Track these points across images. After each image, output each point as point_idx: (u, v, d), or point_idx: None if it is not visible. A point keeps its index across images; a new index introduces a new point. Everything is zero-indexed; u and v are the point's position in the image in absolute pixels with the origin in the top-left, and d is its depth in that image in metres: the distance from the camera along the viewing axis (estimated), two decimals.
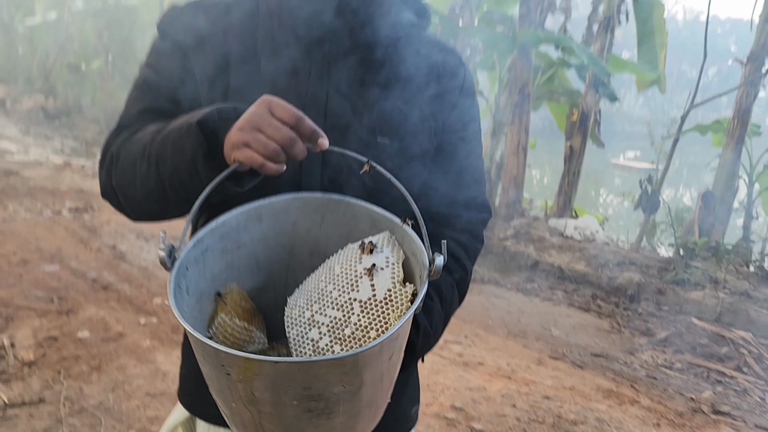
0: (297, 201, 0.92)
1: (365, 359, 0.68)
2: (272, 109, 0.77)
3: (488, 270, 5.74)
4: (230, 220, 0.88)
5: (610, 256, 5.82)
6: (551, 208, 7.52)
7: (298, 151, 0.78)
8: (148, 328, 3.65)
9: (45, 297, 3.91)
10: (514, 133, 6.90)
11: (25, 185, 6.61)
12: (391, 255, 0.83)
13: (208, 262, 0.86)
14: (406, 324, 0.74)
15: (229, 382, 0.69)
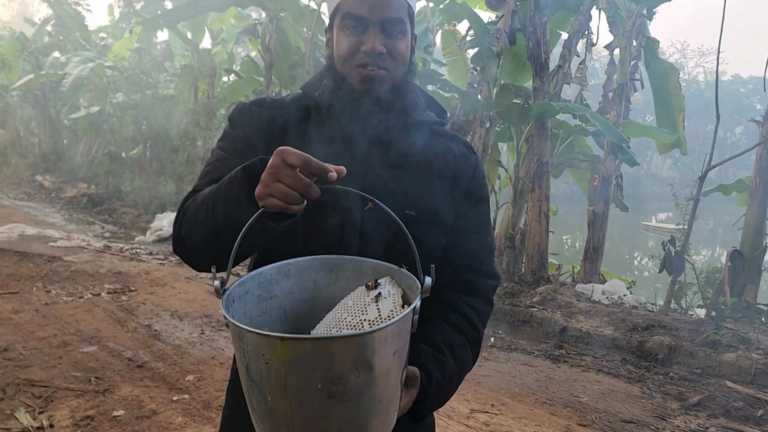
0: (317, 261, 1.14)
1: (373, 342, 0.84)
2: (285, 157, 0.93)
3: (515, 337, 5.75)
4: (266, 271, 1.09)
5: (639, 320, 5.79)
6: (579, 273, 7.53)
7: (312, 194, 0.95)
8: (180, 405, 3.76)
9: (83, 377, 4.07)
10: (534, 201, 7.03)
11: (67, 270, 6.92)
12: (392, 289, 1.03)
13: (248, 303, 1.06)
14: (406, 322, 0.91)
15: (268, 372, 0.84)
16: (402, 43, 1.23)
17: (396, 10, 1.21)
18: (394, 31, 1.21)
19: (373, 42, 1.19)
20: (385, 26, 1.20)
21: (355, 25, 1.20)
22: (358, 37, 1.21)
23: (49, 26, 19.74)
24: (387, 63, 1.22)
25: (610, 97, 7.97)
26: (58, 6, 16.84)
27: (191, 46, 12.18)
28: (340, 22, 1.23)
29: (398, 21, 1.21)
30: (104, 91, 14.14)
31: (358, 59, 1.21)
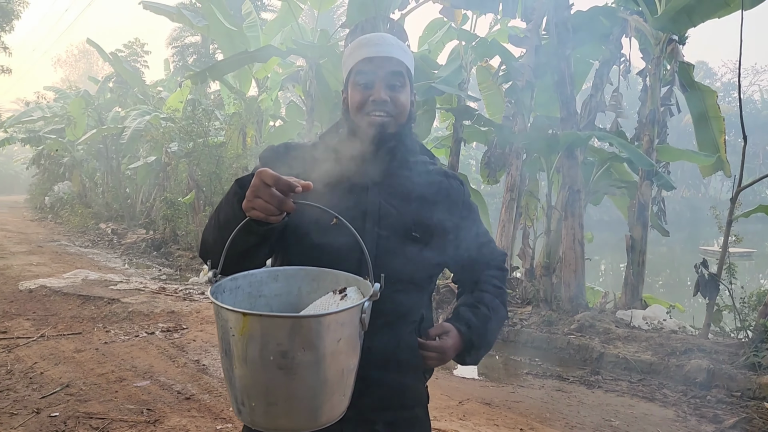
0: (302, 271, 1.38)
1: (316, 325, 1.05)
2: (263, 177, 1.17)
3: (551, 364, 5.80)
4: (257, 273, 1.33)
5: (678, 344, 5.75)
6: (619, 299, 7.51)
7: (287, 207, 1.19)
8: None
9: (136, 409, 4.39)
10: (568, 229, 7.10)
11: (125, 311, 7.38)
12: (354, 295, 1.25)
13: (238, 296, 1.28)
14: (350, 313, 1.11)
15: (233, 342, 1.05)
16: (402, 95, 1.54)
17: (396, 66, 1.53)
18: (395, 84, 1.52)
19: (379, 92, 1.50)
20: (388, 80, 1.51)
21: (364, 82, 1.51)
22: (368, 91, 1.51)
23: (110, 83, 21.08)
24: (390, 109, 1.51)
25: (644, 123, 8.00)
26: (118, 64, 18.01)
27: (239, 95, 12.82)
28: (353, 80, 1.55)
29: (398, 74, 1.52)
30: (160, 141, 14.96)
31: (368, 107, 1.51)
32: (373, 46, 1.53)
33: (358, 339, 1.17)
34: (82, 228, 18.14)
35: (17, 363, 5.38)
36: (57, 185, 22.88)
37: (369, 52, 1.53)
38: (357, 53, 1.54)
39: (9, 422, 4.13)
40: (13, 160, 46.50)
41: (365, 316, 1.15)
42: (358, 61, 1.53)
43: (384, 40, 1.55)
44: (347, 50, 1.59)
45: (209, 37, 13.90)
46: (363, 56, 1.53)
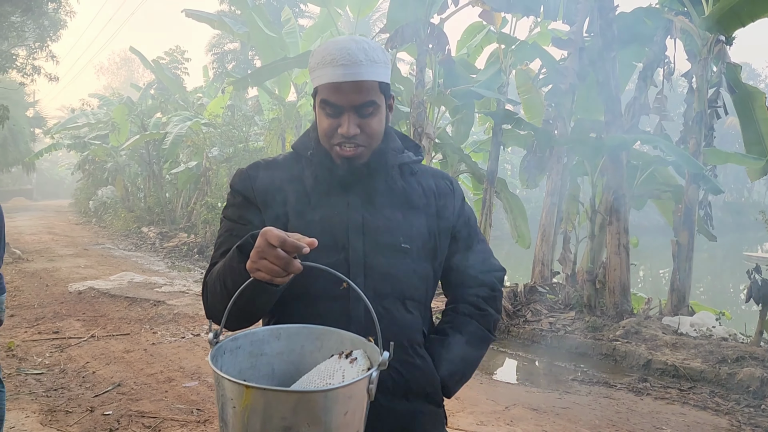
0: (305, 330, 1.29)
1: (322, 400, 0.99)
2: (268, 238, 1.08)
3: (597, 371, 5.72)
4: (258, 332, 1.26)
5: (729, 351, 5.61)
6: (665, 306, 7.36)
7: (293, 269, 1.10)
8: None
9: (186, 409, 4.47)
10: (613, 234, 7.00)
11: (171, 312, 7.53)
12: (361, 360, 1.16)
13: (238, 357, 1.21)
14: (357, 386, 1.03)
15: (234, 414, 1.00)
16: (374, 120, 1.37)
17: (366, 94, 1.34)
18: (365, 113, 1.35)
19: (347, 126, 1.34)
20: (358, 110, 1.34)
21: (331, 111, 1.35)
22: (336, 119, 1.35)
23: (152, 90, 21.58)
24: (362, 141, 1.36)
25: (690, 125, 7.85)
26: (159, 71, 18.41)
27: (278, 100, 12.99)
28: (319, 104, 1.38)
29: (369, 103, 1.35)
30: (201, 147, 15.23)
31: (336, 139, 1.36)
32: (339, 67, 1.32)
33: (364, 410, 1.10)
34: (125, 232, 18.56)
35: (70, 362, 5.53)
36: (101, 190, 23.47)
37: (335, 75, 1.32)
38: (322, 72, 1.35)
39: (65, 420, 4.26)
40: (58, 165, 47.88)
41: (373, 387, 1.07)
42: (323, 84, 1.35)
43: (351, 58, 1.32)
44: (312, 60, 1.39)
45: (249, 43, 14.10)
46: (329, 80, 1.34)
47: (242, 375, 1.23)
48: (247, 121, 13.80)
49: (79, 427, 4.14)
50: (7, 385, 4.89)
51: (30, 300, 8.17)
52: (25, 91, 29.84)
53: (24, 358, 5.61)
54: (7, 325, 6.79)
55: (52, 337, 6.34)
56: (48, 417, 4.30)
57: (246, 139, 13.31)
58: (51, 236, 17.02)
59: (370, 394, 1.08)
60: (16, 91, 25.15)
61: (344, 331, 1.25)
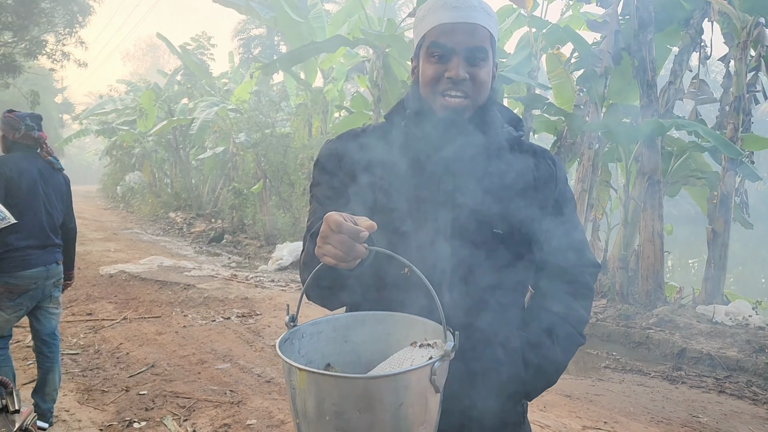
0: (391, 317, 1.25)
1: (373, 387, 0.97)
2: (329, 224, 1.05)
3: (630, 359, 5.64)
4: (342, 318, 1.25)
5: (766, 341, 5.50)
6: (699, 295, 7.23)
7: (357, 254, 1.06)
8: None
9: (219, 390, 4.51)
10: (647, 221, 6.88)
11: (201, 296, 7.59)
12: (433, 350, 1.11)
13: (321, 341, 1.21)
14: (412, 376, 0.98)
15: (294, 396, 1.01)
16: (483, 71, 1.30)
17: (480, 39, 1.29)
18: (476, 59, 1.29)
19: (457, 69, 1.27)
20: (469, 54, 1.28)
21: (440, 54, 1.28)
22: (443, 65, 1.29)
23: (178, 76, 21.70)
24: (469, 89, 1.29)
25: (727, 110, 7.66)
26: (186, 57, 18.49)
27: (305, 86, 12.97)
28: (426, 50, 1.31)
29: (481, 49, 1.29)
30: (227, 132, 15.29)
31: (442, 85, 1.30)
32: (452, 10, 1.28)
33: (429, 403, 1.04)
34: (152, 217, 18.78)
35: (104, 343, 5.61)
36: (128, 175, 23.74)
37: (448, 17, 1.28)
38: (433, 16, 1.30)
39: (101, 399, 4.32)
40: (86, 151, 48.56)
41: (437, 378, 1.01)
42: (433, 27, 1.29)
43: (467, 3, 1.28)
44: (420, 11, 1.35)
45: (276, 28, 14.08)
46: (440, 21, 1.28)
47: (326, 360, 1.22)
48: (274, 107, 13.81)
49: (116, 406, 4.19)
50: None
51: None
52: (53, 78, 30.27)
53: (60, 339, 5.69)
54: None
55: (86, 319, 6.43)
56: (85, 396, 4.37)
57: (273, 125, 13.32)
58: (80, 221, 17.23)
59: (435, 386, 1.02)
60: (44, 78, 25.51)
61: (431, 321, 1.18)
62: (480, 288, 1.30)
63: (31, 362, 5.01)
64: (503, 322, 1.34)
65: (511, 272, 1.33)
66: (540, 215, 1.36)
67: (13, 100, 24.01)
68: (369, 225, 1.06)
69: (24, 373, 4.77)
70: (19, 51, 17.04)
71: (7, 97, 23.02)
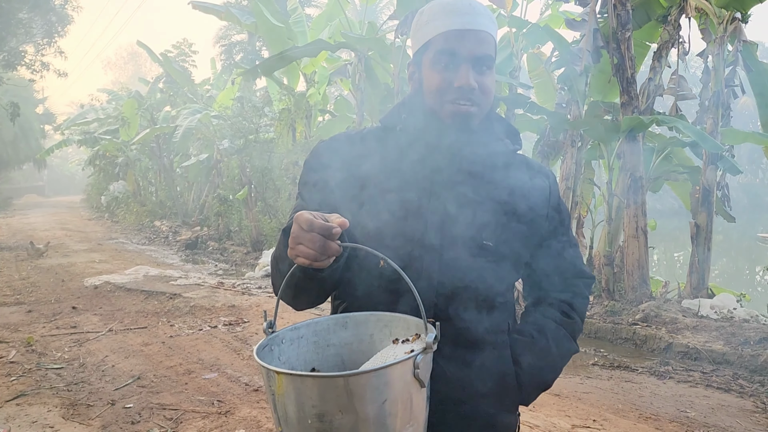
0: (372, 317, 1.23)
1: (353, 386, 0.93)
2: (300, 223, 1.03)
3: (618, 355, 5.66)
4: (323, 321, 1.22)
5: (751, 333, 5.54)
6: (684, 289, 7.29)
7: (329, 251, 1.04)
8: None
9: (206, 401, 4.47)
10: (631, 217, 6.91)
11: (187, 305, 7.54)
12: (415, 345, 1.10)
13: (302, 347, 1.19)
14: (393, 371, 0.96)
15: (274, 402, 0.99)
16: (490, 79, 1.29)
17: (486, 47, 1.27)
18: (483, 67, 1.27)
19: (467, 78, 1.24)
20: (476, 62, 1.26)
21: (447, 62, 1.26)
22: (451, 73, 1.26)
23: (160, 83, 21.57)
24: (478, 98, 1.27)
25: (707, 105, 7.73)
26: (167, 64, 18.39)
27: (287, 90, 12.92)
28: (432, 57, 1.28)
29: (488, 57, 1.27)
30: (211, 139, 15.21)
31: (450, 95, 1.26)
32: (460, 16, 1.25)
33: (415, 399, 1.01)
34: (137, 226, 18.63)
35: (89, 356, 5.55)
36: (112, 185, 23.56)
37: (456, 23, 1.25)
38: (439, 23, 1.27)
39: (86, 413, 4.26)
40: (68, 162, 48.14)
41: (420, 372, 0.99)
42: (440, 33, 1.26)
43: (473, 9, 1.26)
44: (423, 16, 1.31)
45: (257, 34, 14.04)
46: (448, 27, 1.25)
47: (309, 366, 1.19)
48: (257, 112, 13.75)
49: (101, 421, 4.14)
50: (28, 381, 4.92)
51: (47, 296, 8.21)
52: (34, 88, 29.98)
53: (43, 353, 5.63)
54: (25, 320, 6.84)
55: (71, 332, 6.36)
56: (70, 411, 4.31)
57: (256, 131, 13.26)
58: (64, 232, 17.12)
59: (419, 381, 1.00)
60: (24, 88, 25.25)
61: (412, 317, 1.17)
62: (468, 298, 1.29)
63: (14, 378, 4.95)
64: (488, 329, 1.32)
65: (498, 284, 1.32)
66: (533, 229, 1.37)
67: None
68: (341, 222, 1.05)
69: (7, 389, 4.71)
70: None
71: None
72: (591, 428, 3.93)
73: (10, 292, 8.42)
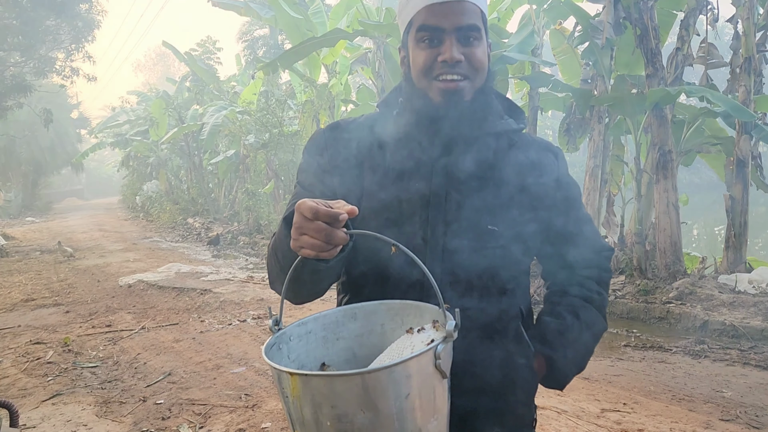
0: (382, 306, 1.17)
1: (375, 381, 0.87)
2: (302, 211, 0.96)
3: (651, 335, 5.52)
4: (331, 314, 1.16)
5: None
6: (720, 264, 7.07)
7: (336, 240, 0.97)
8: None
9: (234, 395, 4.51)
10: (661, 193, 6.72)
11: (217, 300, 7.62)
12: (432, 333, 1.04)
13: (311, 342, 1.13)
14: (414, 363, 0.89)
15: (288, 404, 0.93)
16: (479, 50, 1.22)
17: (470, 16, 1.20)
18: (470, 38, 1.20)
19: (451, 51, 1.18)
20: (461, 34, 1.19)
21: (430, 37, 1.20)
22: (435, 49, 1.20)
23: (187, 82, 21.79)
24: (466, 71, 1.21)
25: (738, 73, 7.45)
26: (192, 63, 18.56)
27: (309, 82, 12.91)
28: (414, 35, 1.23)
29: (473, 27, 1.20)
30: (237, 135, 15.33)
31: (436, 70, 1.21)
32: None
33: (437, 391, 0.96)
34: (171, 224, 18.93)
35: (123, 354, 5.65)
36: (146, 185, 23.99)
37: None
38: (418, 0, 1.21)
39: (119, 410, 4.34)
40: (104, 164, 49.21)
41: (442, 362, 0.93)
42: (419, 10, 1.21)
43: None
44: None
45: (276, 27, 14.04)
46: (425, 2, 1.19)
47: (319, 362, 1.15)
48: (281, 106, 13.79)
49: (133, 417, 4.21)
50: (64, 380, 5.04)
51: (83, 296, 8.39)
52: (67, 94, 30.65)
53: (79, 353, 5.75)
54: (62, 321, 7.00)
55: (105, 331, 6.49)
56: (103, 408, 4.39)
57: (280, 124, 13.30)
58: (101, 233, 17.50)
59: (441, 372, 0.94)
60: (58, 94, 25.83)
61: (425, 303, 1.11)
62: (473, 286, 1.24)
63: (51, 378, 5.07)
64: (501, 320, 1.27)
65: (507, 270, 1.26)
66: (542, 210, 1.31)
67: (28, 120, 24.39)
68: (350, 209, 0.98)
69: (44, 389, 4.82)
70: (28, 70, 17.27)
71: (23, 117, 23.38)
72: (621, 412, 3.83)
73: (49, 294, 8.63)
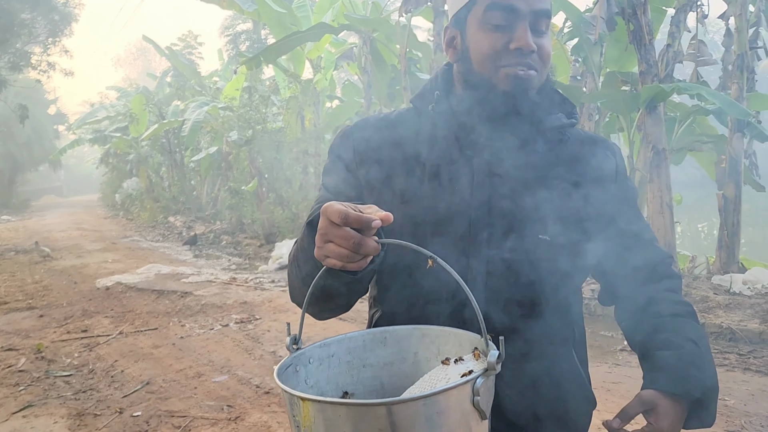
0: (417, 331, 1.03)
1: (400, 414, 0.74)
2: (329, 216, 0.85)
3: None
4: (357, 337, 1.03)
5: None
6: (713, 264, 6.97)
7: (366, 250, 0.85)
8: None
9: (216, 406, 4.29)
10: (654, 192, 6.59)
11: (198, 303, 7.37)
12: (471, 364, 0.90)
13: (333, 367, 1.00)
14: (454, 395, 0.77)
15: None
16: (548, 41, 1.12)
17: (546, 1, 1.10)
18: (542, 27, 1.10)
19: (526, 38, 1.07)
20: (535, 20, 1.09)
21: (502, 19, 1.08)
22: (506, 34, 1.08)
23: (168, 77, 21.41)
24: (536, 62, 1.10)
25: (730, 70, 7.35)
26: (174, 58, 18.21)
27: (294, 78, 12.66)
28: (482, 16, 1.10)
29: (547, 14, 1.10)
30: (220, 132, 15.03)
31: (505, 59, 1.09)
32: None
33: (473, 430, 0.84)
34: (152, 223, 18.56)
35: (98, 361, 5.40)
36: (126, 182, 23.54)
37: None
38: None
39: (94, 423, 4.11)
40: (84, 161, 48.46)
41: (480, 399, 0.79)
42: None
43: None
44: None
45: (260, 21, 13.76)
46: None
47: (340, 390, 1.01)
48: (264, 102, 13.52)
49: (108, 430, 3.99)
50: (36, 390, 4.78)
51: (59, 299, 8.10)
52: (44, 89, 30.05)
53: (53, 360, 5.50)
54: (36, 325, 6.73)
55: (81, 336, 6.23)
56: (76, 422, 4.16)
57: (264, 121, 13.04)
58: (80, 232, 17.10)
59: (480, 411, 0.79)
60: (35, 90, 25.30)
61: (464, 331, 0.98)
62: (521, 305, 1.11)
63: (22, 388, 4.82)
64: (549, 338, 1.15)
65: (559, 287, 1.14)
66: (600, 217, 1.16)
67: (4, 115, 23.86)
68: (384, 215, 0.85)
69: (15, 400, 4.58)
70: (3, 64, 16.82)
71: None
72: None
73: (23, 296, 8.32)
